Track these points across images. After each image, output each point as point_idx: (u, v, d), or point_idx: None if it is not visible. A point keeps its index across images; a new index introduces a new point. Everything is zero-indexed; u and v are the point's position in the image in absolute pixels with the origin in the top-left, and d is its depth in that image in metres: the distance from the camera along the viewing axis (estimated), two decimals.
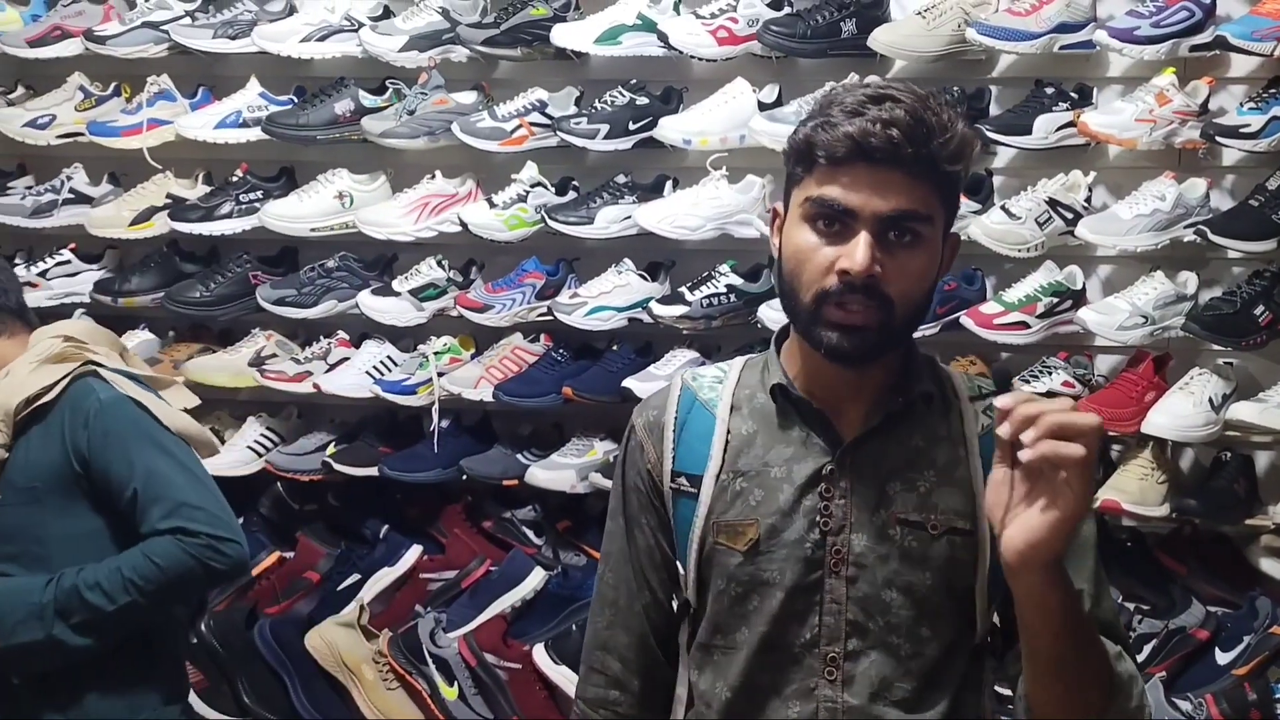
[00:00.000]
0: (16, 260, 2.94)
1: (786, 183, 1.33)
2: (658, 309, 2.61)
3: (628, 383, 2.57)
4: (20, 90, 2.99)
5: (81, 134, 2.89)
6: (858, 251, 1.22)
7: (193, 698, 2.58)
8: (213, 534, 1.86)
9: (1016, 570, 1.15)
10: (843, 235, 1.25)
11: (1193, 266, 2.54)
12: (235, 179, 2.86)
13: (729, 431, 1.38)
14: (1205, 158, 2.52)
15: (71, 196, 2.93)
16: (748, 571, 1.33)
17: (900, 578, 1.30)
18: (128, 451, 1.87)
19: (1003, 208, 2.52)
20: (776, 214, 1.35)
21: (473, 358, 2.77)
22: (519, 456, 2.70)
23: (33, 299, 2.86)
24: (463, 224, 2.69)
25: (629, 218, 2.63)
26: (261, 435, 2.84)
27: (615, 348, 2.71)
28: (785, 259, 1.30)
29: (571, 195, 2.73)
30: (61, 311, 2.92)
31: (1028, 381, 2.52)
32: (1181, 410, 2.42)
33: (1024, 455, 1.09)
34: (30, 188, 2.97)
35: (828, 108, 1.26)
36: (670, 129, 2.61)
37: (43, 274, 2.92)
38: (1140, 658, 2.40)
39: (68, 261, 2.94)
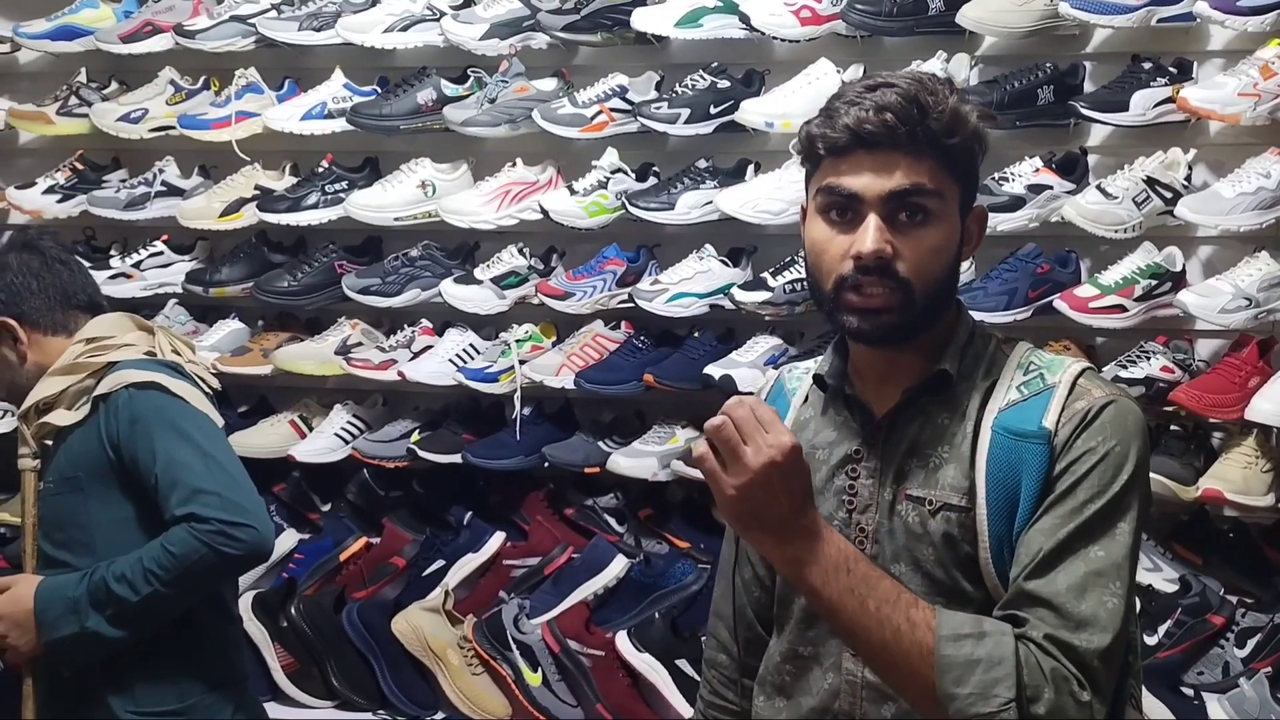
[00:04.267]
0: (112, 251, 3.03)
1: (805, 179, 1.39)
2: (740, 295, 2.58)
3: (709, 370, 2.55)
4: (114, 85, 3.07)
5: (172, 127, 2.95)
6: (867, 235, 1.28)
7: (283, 680, 2.64)
8: (224, 519, 1.85)
9: None
10: (854, 222, 1.31)
11: None
12: (321, 169, 2.90)
13: (795, 419, 1.47)
14: None
15: (164, 189, 3.00)
16: None
17: (907, 553, 1.34)
18: (151, 438, 1.91)
19: (1098, 187, 2.44)
20: (804, 210, 1.40)
21: (554, 345, 2.77)
22: (600, 444, 2.69)
23: (127, 290, 2.96)
24: (543, 211, 2.69)
25: (710, 203, 2.61)
26: (348, 422, 2.88)
27: (697, 334, 2.69)
28: (807, 252, 1.37)
29: (652, 181, 2.71)
30: (155, 302, 3.00)
31: (1124, 367, 2.44)
32: None
33: None
34: (124, 181, 3.05)
35: (831, 103, 1.33)
36: (752, 112, 2.58)
37: (137, 265, 2.99)
38: (1243, 653, 2.32)
39: (160, 253, 3.01)
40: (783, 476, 1.19)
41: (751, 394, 1.45)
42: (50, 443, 2.03)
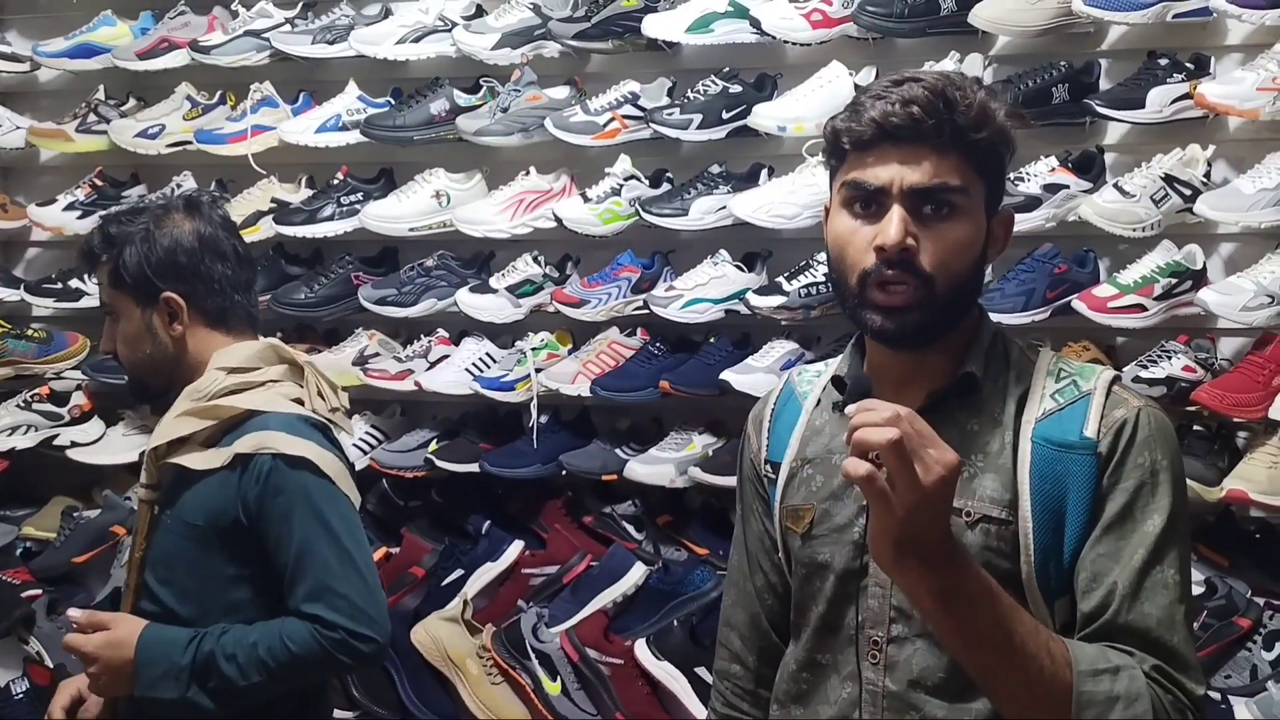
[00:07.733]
0: None
1: (829, 177, 1.37)
2: (755, 300, 2.57)
3: (725, 375, 2.54)
4: (132, 102, 3.09)
5: (190, 142, 2.97)
6: (890, 226, 1.26)
7: None
8: (350, 629, 1.77)
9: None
10: (878, 215, 1.29)
11: None
12: (336, 181, 2.91)
13: (808, 422, 1.45)
14: None
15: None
16: (807, 554, 1.39)
17: None
18: (290, 519, 1.80)
19: (1115, 186, 2.42)
20: (827, 210, 1.39)
21: (570, 353, 2.77)
22: (618, 451, 2.69)
23: None
24: (558, 219, 2.69)
25: (724, 208, 2.60)
26: (367, 433, 2.89)
27: (712, 340, 2.68)
28: (830, 247, 1.35)
29: (665, 187, 2.71)
30: None
31: (1145, 367, 2.41)
32: None
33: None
34: (143, 196, 3.06)
35: (857, 98, 1.32)
36: (765, 116, 2.57)
37: None
38: (1271, 656, 2.29)
39: None
40: (947, 498, 1.10)
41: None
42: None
